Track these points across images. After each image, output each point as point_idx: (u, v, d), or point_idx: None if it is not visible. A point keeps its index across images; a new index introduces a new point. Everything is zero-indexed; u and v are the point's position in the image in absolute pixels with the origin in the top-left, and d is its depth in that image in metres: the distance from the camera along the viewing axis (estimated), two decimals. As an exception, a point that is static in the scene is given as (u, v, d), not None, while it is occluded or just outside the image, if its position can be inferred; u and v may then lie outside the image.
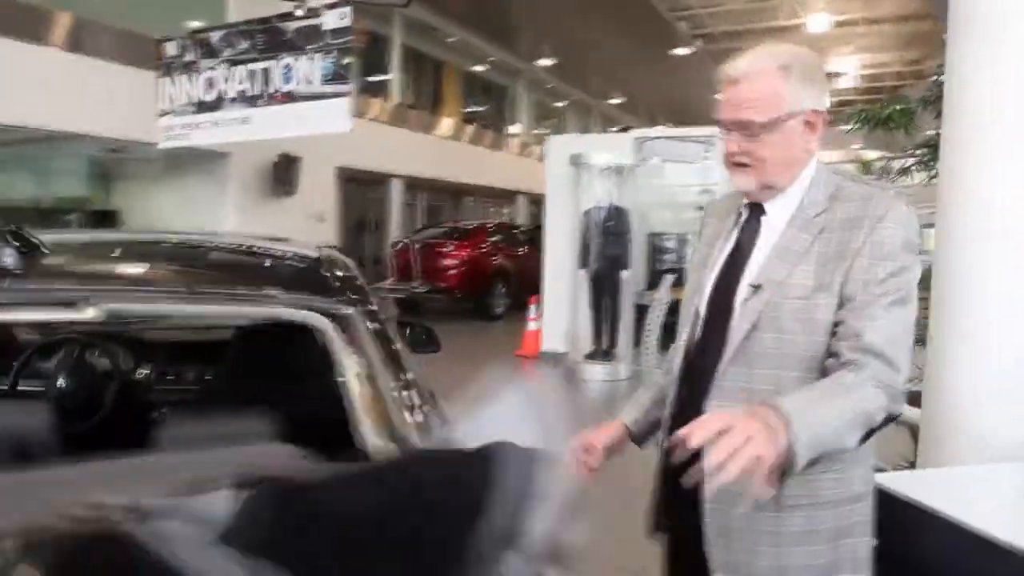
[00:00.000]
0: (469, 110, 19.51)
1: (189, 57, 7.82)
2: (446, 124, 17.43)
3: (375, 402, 1.23)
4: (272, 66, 7.20)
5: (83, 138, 9.18)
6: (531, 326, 8.84)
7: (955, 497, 1.63)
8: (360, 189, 14.56)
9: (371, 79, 15.32)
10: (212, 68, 7.62)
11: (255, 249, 1.84)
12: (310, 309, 1.32)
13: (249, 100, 7.40)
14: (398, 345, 1.45)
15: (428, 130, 16.52)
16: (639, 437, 1.62)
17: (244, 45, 7.44)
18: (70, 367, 2.54)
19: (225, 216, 10.78)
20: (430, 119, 16.98)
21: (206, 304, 1.34)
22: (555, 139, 10.48)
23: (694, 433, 1.04)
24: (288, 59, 7.10)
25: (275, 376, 1.92)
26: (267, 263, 1.75)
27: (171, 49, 7.97)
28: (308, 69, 7.01)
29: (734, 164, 1.38)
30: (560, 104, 23.19)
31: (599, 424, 1.61)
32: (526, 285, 10.23)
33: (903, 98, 4.03)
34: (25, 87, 8.03)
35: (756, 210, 1.42)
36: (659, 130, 10.53)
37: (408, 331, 3.00)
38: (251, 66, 7.36)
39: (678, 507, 1.45)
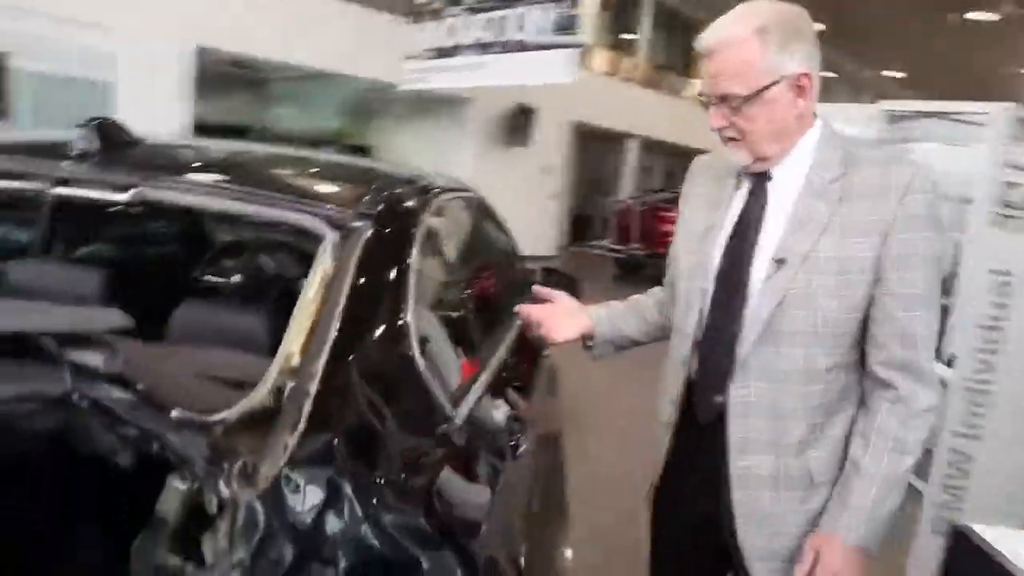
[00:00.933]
0: (723, 74, 18.50)
1: (436, 4, 8.24)
2: (695, 87, 16.75)
3: (310, 323, 1.11)
4: (508, 15, 7.39)
5: (344, 78, 10.10)
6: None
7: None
8: (594, 146, 14.56)
9: (621, 37, 15.10)
10: (454, 15, 7.97)
11: (352, 167, 1.86)
12: (318, 216, 1.30)
13: (484, 47, 7.67)
14: (412, 293, 1.32)
15: (675, 93, 15.99)
16: (593, 338, 1.59)
17: (485, -7, 7.67)
18: (244, 266, 2.83)
19: (462, 160, 11.33)
20: (678, 81, 16.41)
21: (228, 200, 1.39)
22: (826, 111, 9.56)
23: None
24: (523, 8, 7.22)
25: None
26: (334, 178, 1.77)
27: (422, -4, 8.45)
28: (541, 19, 7.08)
29: (725, 137, 1.30)
30: (826, 75, 21.24)
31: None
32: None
33: None
34: (302, 31, 8.98)
35: (760, 176, 1.32)
36: (918, 104, 9.03)
37: (546, 277, 2.93)
38: (489, 14, 7.60)
39: (695, 490, 1.41)
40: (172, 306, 1.39)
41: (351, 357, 1.11)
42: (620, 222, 12.12)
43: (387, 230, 1.37)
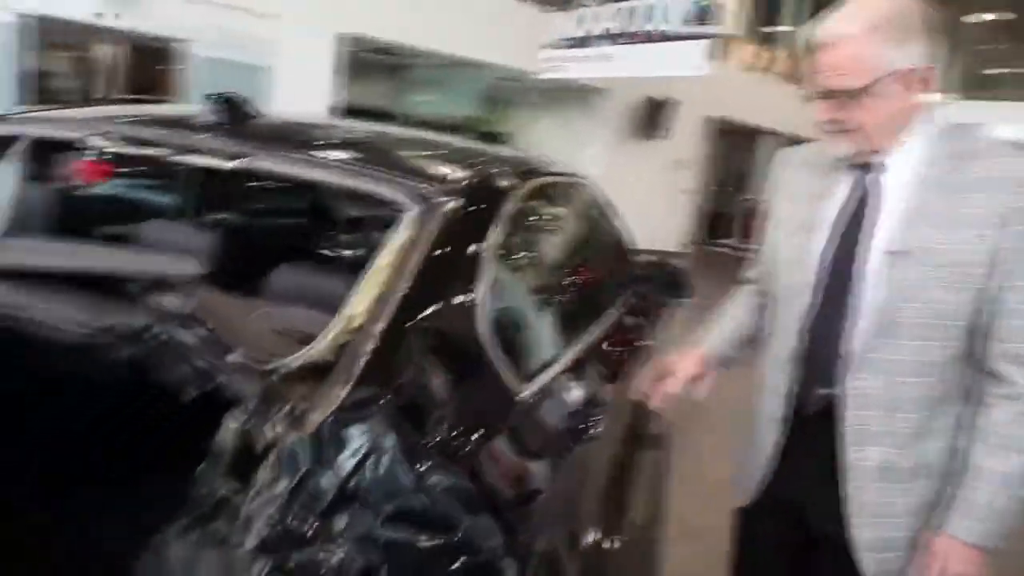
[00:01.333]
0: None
1: (570, -7, 8.31)
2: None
3: (378, 289, 1.16)
4: (637, 5, 7.36)
5: (482, 66, 10.35)
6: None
7: None
8: (730, 142, 14.12)
9: (764, 30, 14.52)
10: (586, 5, 8.01)
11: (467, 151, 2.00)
12: (402, 190, 1.36)
13: (613, 38, 7.68)
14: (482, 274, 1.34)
15: (821, 88, 15.12)
16: (710, 366, 1.61)
17: (617, -17, 7.65)
18: (338, 234, 3.06)
19: (595, 150, 11.31)
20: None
21: (324, 171, 1.49)
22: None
23: None
24: (654, -1, 7.14)
25: None
26: (436, 157, 1.86)
27: (557, -14, 8.54)
28: (671, 9, 7.00)
29: (831, 130, 1.30)
30: (996, 71, 19.37)
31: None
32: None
33: None
34: (442, 19, 9.30)
35: (866, 168, 1.32)
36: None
37: (653, 270, 2.89)
38: (620, 4, 7.59)
39: (801, 482, 1.43)
40: (269, 266, 1.56)
41: (412, 324, 1.17)
42: (747, 221, 11.75)
43: (471, 207, 1.41)
